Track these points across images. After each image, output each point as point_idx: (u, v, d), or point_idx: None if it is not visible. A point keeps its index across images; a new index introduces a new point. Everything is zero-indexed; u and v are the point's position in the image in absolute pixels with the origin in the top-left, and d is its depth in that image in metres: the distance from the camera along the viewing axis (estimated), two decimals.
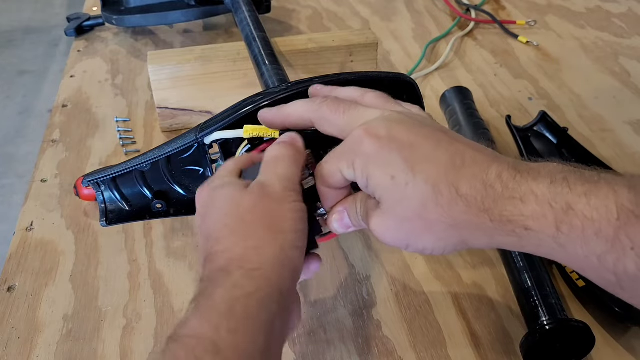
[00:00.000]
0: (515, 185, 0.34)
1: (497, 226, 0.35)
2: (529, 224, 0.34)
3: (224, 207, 0.40)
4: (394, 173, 0.37)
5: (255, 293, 0.35)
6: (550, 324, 0.49)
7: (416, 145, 0.37)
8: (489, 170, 0.35)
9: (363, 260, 0.60)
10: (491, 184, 0.35)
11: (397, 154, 0.37)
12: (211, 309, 0.34)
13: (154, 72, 0.75)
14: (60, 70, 2.45)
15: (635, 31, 1.00)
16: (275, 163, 0.42)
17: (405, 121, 0.39)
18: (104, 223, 0.54)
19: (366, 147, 0.38)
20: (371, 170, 0.38)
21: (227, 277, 0.35)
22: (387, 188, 0.37)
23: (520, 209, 0.34)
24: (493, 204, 0.34)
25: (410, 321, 0.54)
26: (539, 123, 0.73)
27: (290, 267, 0.38)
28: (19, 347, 0.53)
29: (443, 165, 0.36)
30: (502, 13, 1.08)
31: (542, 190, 0.33)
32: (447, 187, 0.35)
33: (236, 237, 0.38)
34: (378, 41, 0.82)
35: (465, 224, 0.36)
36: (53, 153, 0.76)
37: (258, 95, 0.50)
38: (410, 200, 0.36)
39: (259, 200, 0.39)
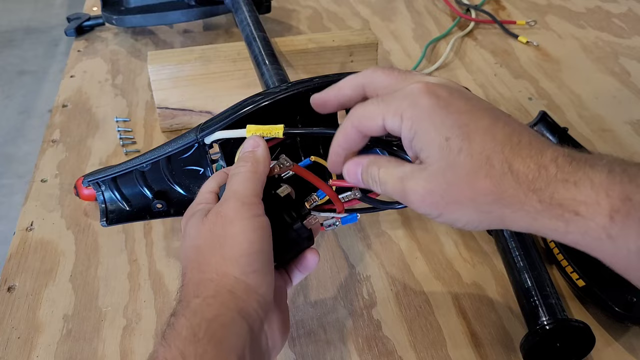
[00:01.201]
0: (571, 169, 0.33)
1: (545, 208, 0.33)
2: (581, 209, 0.32)
3: (189, 240, 0.41)
4: (449, 135, 0.35)
5: (215, 319, 0.35)
6: (550, 324, 0.49)
7: (475, 115, 0.36)
8: (544, 153, 0.34)
9: (363, 260, 0.60)
10: (545, 166, 0.33)
11: (456, 117, 0.35)
12: (176, 337, 0.35)
13: (154, 72, 0.75)
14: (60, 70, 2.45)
15: (635, 31, 1.00)
16: (230, 180, 0.42)
17: (464, 92, 0.38)
18: (104, 223, 0.54)
19: (424, 101, 0.36)
20: (425, 126, 0.36)
21: (187, 307, 0.36)
22: (439, 149, 0.35)
23: (573, 192, 0.32)
24: (544, 185, 0.33)
25: (410, 321, 0.54)
26: (539, 123, 0.73)
27: (249, 292, 0.37)
28: (19, 347, 0.53)
29: (500, 140, 0.35)
30: (502, 13, 1.08)
31: (600, 178, 0.32)
32: (500, 161, 0.34)
33: (194, 270, 0.39)
34: (378, 41, 0.82)
35: (510, 201, 0.34)
36: (53, 153, 0.76)
37: (258, 95, 0.50)
38: (461, 167, 0.35)
39: (213, 226, 0.39)
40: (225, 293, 0.37)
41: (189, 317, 0.35)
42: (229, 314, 0.36)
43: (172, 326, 0.36)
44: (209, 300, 0.36)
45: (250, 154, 0.43)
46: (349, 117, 0.40)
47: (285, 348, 0.52)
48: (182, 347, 0.34)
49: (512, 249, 0.56)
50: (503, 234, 0.58)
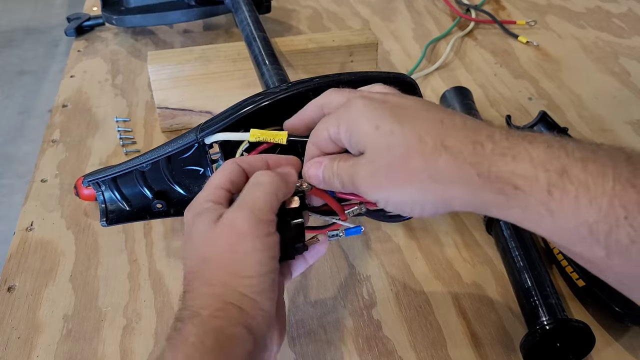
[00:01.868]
0: (509, 144, 0.33)
1: (484, 182, 0.34)
2: (519, 182, 0.33)
3: (196, 243, 0.40)
4: (379, 123, 0.37)
5: (222, 329, 0.36)
6: (550, 324, 0.49)
7: (407, 107, 0.37)
8: (479, 131, 0.35)
9: (363, 260, 0.60)
10: (481, 142, 0.34)
11: (386, 109, 0.37)
12: (183, 343, 0.35)
13: (154, 72, 0.75)
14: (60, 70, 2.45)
15: (635, 31, 1.00)
16: (251, 190, 0.40)
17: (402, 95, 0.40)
18: (104, 223, 0.54)
19: (357, 103, 0.38)
20: (357, 122, 0.38)
21: (195, 316, 0.36)
22: (371, 136, 0.37)
23: (511, 166, 0.33)
24: (481, 159, 0.33)
25: (410, 321, 0.54)
26: (539, 123, 0.73)
27: (255, 309, 0.38)
28: (19, 347, 0.53)
29: (432, 121, 0.36)
30: (502, 13, 1.08)
31: (538, 153, 0.32)
32: (432, 138, 0.35)
33: (201, 281, 0.38)
34: (378, 41, 0.82)
35: (448, 177, 0.35)
36: (53, 153, 0.76)
37: (258, 95, 0.50)
38: (394, 147, 0.36)
39: (223, 237, 0.38)
40: (232, 308, 0.37)
41: (197, 325, 0.36)
42: (236, 327, 0.36)
43: (179, 331, 0.36)
44: (216, 313, 0.36)
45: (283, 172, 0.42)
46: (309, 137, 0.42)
47: (285, 347, 0.52)
48: (190, 352, 0.34)
49: (512, 249, 0.56)
50: (503, 234, 0.58)
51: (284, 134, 0.46)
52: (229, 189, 0.42)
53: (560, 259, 0.56)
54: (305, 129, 0.45)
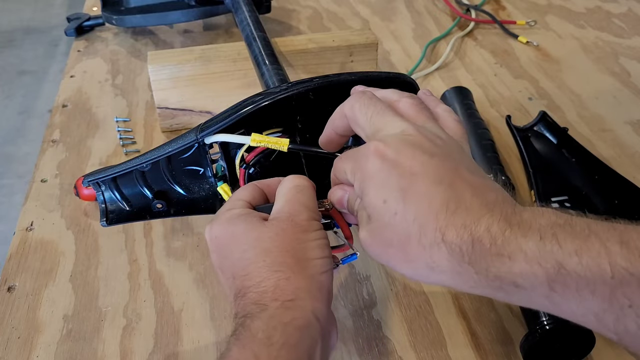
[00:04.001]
0: (504, 242, 0.33)
1: (482, 279, 0.34)
2: (519, 281, 0.33)
3: (246, 242, 0.40)
4: (387, 197, 0.36)
5: (292, 322, 0.36)
6: (550, 324, 0.49)
7: (416, 177, 0.36)
8: (479, 221, 0.34)
9: (363, 260, 0.60)
10: (479, 238, 0.33)
11: (395, 180, 0.36)
12: (250, 339, 0.35)
13: (154, 72, 0.75)
14: (60, 70, 2.45)
15: (635, 31, 1.00)
16: (297, 192, 0.42)
17: (418, 145, 0.38)
18: (104, 223, 0.54)
19: (370, 164, 0.38)
20: (367, 188, 0.38)
21: (263, 310, 0.36)
22: (377, 209, 0.37)
23: (508, 266, 0.33)
24: (480, 258, 0.33)
25: (410, 321, 0.54)
26: (539, 123, 0.73)
27: (322, 291, 0.39)
28: (19, 347, 0.53)
29: (435, 207, 0.35)
30: (502, 13, 1.08)
31: (531, 248, 0.32)
32: (433, 231, 0.34)
33: (265, 270, 0.38)
34: (378, 41, 0.82)
35: (445, 270, 0.35)
36: (53, 153, 0.76)
37: (258, 95, 0.50)
38: (394, 229, 0.36)
39: (284, 230, 0.40)
40: (302, 294, 0.37)
41: (266, 320, 0.36)
42: (305, 317, 0.37)
43: (247, 328, 0.36)
44: (287, 303, 0.37)
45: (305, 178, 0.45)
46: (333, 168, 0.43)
47: None
48: (256, 349, 0.34)
49: None
50: None
51: (285, 141, 0.46)
52: (250, 202, 0.44)
53: None
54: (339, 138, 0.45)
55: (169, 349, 0.53)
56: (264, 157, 0.50)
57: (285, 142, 0.46)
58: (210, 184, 0.54)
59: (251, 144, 0.47)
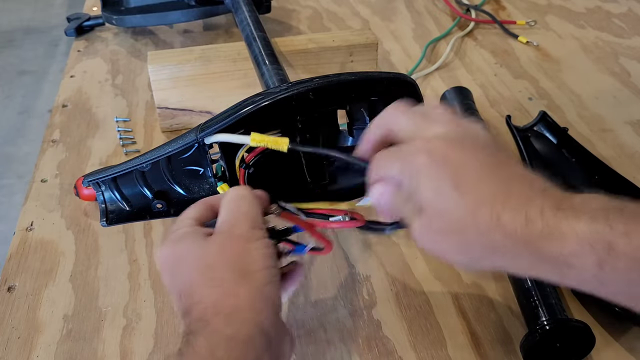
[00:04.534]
0: (556, 222, 0.34)
1: (537, 260, 0.35)
2: (571, 261, 0.34)
3: (191, 261, 0.40)
4: (440, 188, 0.37)
5: (234, 336, 0.36)
6: (550, 324, 0.49)
7: (467, 167, 0.37)
8: (532, 204, 0.35)
9: (363, 260, 0.60)
10: (532, 219, 0.34)
11: (447, 171, 0.37)
12: (193, 356, 0.35)
13: (154, 72, 0.75)
14: (60, 70, 2.45)
15: (635, 31, 1.00)
16: (238, 202, 0.43)
17: (462, 142, 0.39)
18: (104, 223, 0.54)
19: (418, 160, 0.38)
20: (420, 181, 0.38)
21: (206, 325, 0.36)
22: (431, 200, 0.37)
23: (560, 246, 0.34)
24: (533, 239, 0.34)
25: (410, 321, 0.54)
26: (539, 123, 0.73)
27: (267, 303, 0.38)
28: (19, 347, 0.53)
29: (488, 192, 0.36)
30: (502, 13, 1.08)
31: (583, 229, 0.33)
32: (489, 213, 0.35)
33: (208, 287, 0.38)
34: (378, 41, 0.82)
35: (503, 251, 0.36)
36: (53, 153, 0.76)
37: (258, 95, 0.50)
38: (451, 217, 0.36)
39: (225, 244, 0.40)
40: (244, 307, 0.37)
41: (208, 336, 0.36)
42: (248, 330, 0.36)
43: (190, 345, 0.36)
44: (228, 317, 0.36)
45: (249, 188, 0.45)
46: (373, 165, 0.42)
47: None
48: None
49: None
50: None
51: (284, 140, 0.46)
52: (198, 218, 0.43)
53: None
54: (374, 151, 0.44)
55: (169, 349, 0.53)
56: (264, 157, 0.50)
57: (285, 142, 0.45)
58: (210, 184, 0.54)
59: (251, 144, 0.47)
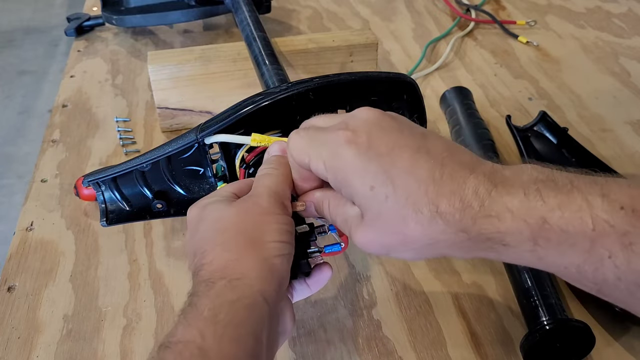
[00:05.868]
0: (491, 202, 0.34)
1: (476, 243, 0.35)
2: (507, 239, 0.34)
3: (210, 222, 0.40)
4: (374, 183, 0.36)
5: (238, 301, 0.36)
6: (550, 324, 0.49)
7: (395, 154, 0.36)
8: (465, 185, 0.35)
9: (363, 260, 0.60)
10: (469, 202, 0.34)
11: (376, 162, 0.36)
12: (196, 317, 0.35)
13: (154, 72, 0.75)
14: (60, 70, 2.45)
15: (635, 31, 1.00)
16: (264, 177, 0.42)
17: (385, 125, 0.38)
18: (104, 223, 0.54)
19: (344, 152, 0.37)
20: (349, 178, 0.37)
21: (211, 288, 0.36)
22: (367, 198, 0.37)
23: (497, 226, 0.34)
24: (471, 222, 0.34)
25: (410, 321, 0.54)
26: (539, 123, 0.73)
27: (273, 274, 0.38)
28: (19, 347, 0.53)
29: (422, 180, 0.35)
30: (502, 13, 1.08)
31: (516, 205, 0.33)
32: (427, 205, 0.35)
33: (219, 250, 0.38)
34: (378, 41, 0.82)
35: (443, 243, 0.36)
36: (53, 153, 0.76)
37: (258, 95, 0.50)
38: (390, 214, 0.36)
39: (243, 212, 0.40)
40: (250, 274, 0.37)
41: (212, 298, 0.36)
42: (252, 296, 0.36)
43: (194, 305, 0.36)
44: (234, 282, 0.36)
45: (282, 158, 0.44)
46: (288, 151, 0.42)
47: (285, 347, 0.52)
48: (202, 327, 0.34)
49: None
50: None
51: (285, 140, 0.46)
52: (236, 193, 0.43)
53: None
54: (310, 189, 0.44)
55: None
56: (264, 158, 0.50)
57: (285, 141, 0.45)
58: (210, 184, 0.54)
59: (251, 144, 0.47)
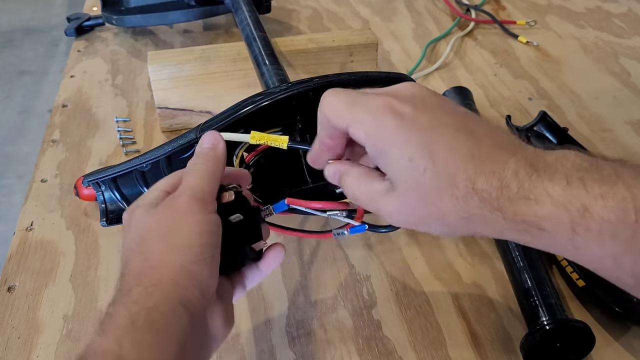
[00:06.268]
0: (531, 185, 0.34)
1: (510, 224, 0.34)
2: (544, 224, 0.33)
3: (133, 231, 0.40)
4: (414, 155, 0.36)
5: (155, 308, 0.35)
6: (550, 324, 0.49)
7: (438, 130, 0.36)
8: (506, 166, 0.35)
9: (363, 260, 0.60)
10: (507, 183, 0.34)
11: (419, 136, 0.36)
12: (113, 325, 0.34)
13: (154, 72, 0.75)
14: (60, 70, 2.45)
15: (635, 31, 1.00)
16: (188, 175, 0.41)
17: (430, 102, 0.38)
18: (104, 223, 0.54)
19: (387, 121, 0.36)
20: (389, 147, 0.36)
21: (127, 296, 0.35)
22: (404, 169, 0.36)
23: (534, 209, 0.33)
24: (507, 203, 0.34)
25: (410, 321, 0.54)
26: (539, 123, 0.73)
27: (192, 281, 0.37)
28: (19, 347, 0.53)
29: (462, 157, 0.35)
30: (502, 13, 1.08)
31: (558, 192, 0.33)
32: (464, 181, 0.35)
33: (137, 259, 0.38)
34: (378, 41, 0.82)
35: (477, 218, 0.35)
36: (53, 153, 0.76)
37: (258, 95, 0.50)
38: (426, 187, 0.36)
39: (162, 217, 0.39)
40: (167, 281, 0.36)
41: (129, 305, 0.35)
42: (169, 303, 0.35)
43: (110, 315, 0.35)
44: (150, 289, 0.36)
45: (210, 151, 0.43)
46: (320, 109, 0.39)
47: (285, 347, 0.52)
48: (119, 335, 0.33)
49: (512, 249, 0.56)
50: None
51: (284, 138, 0.46)
52: (167, 191, 0.42)
53: (560, 259, 0.56)
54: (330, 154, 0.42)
55: None
56: (263, 157, 0.50)
57: (285, 140, 0.46)
58: None
59: (251, 142, 0.47)
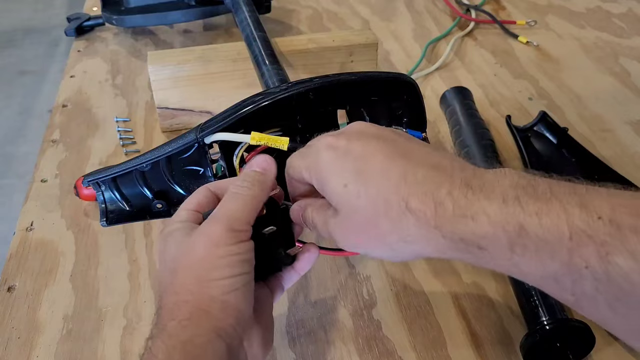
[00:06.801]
0: (467, 203, 0.34)
1: (450, 243, 0.35)
2: (482, 243, 0.33)
3: (167, 262, 0.40)
4: (347, 181, 0.37)
5: (190, 340, 0.35)
6: (550, 324, 0.49)
7: (370, 158, 0.37)
8: (440, 187, 0.35)
9: (363, 260, 0.60)
10: (441, 202, 0.34)
11: (351, 164, 0.38)
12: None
13: (154, 72, 0.75)
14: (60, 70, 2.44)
15: (635, 31, 1.00)
16: (230, 199, 0.41)
17: (364, 133, 0.40)
18: (104, 223, 0.54)
19: (323, 155, 0.39)
20: (326, 177, 0.38)
21: (163, 330, 0.36)
22: (341, 196, 0.38)
23: (472, 228, 0.33)
24: (445, 221, 0.34)
25: (410, 321, 0.54)
26: (539, 123, 0.73)
27: (226, 311, 0.37)
28: (19, 347, 0.53)
29: (394, 180, 0.36)
30: (502, 13, 1.08)
31: (495, 210, 0.33)
32: (397, 202, 0.35)
33: (170, 292, 0.38)
34: (378, 41, 0.82)
35: (417, 238, 0.36)
36: (53, 153, 0.76)
37: (258, 95, 0.50)
38: (362, 210, 0.37)
39: (194, 246, 0.38)
40: (200, 314, 0.36)
41: (165, 339, 0.36)
42: (205, 335, 0.36)
43: (149, 350, 0.36)
44: (184, 322, 0.36)
45: (259, 176, 0.42)
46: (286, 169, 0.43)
47: (286, 348, 0.52)
48: None
49: None
50: None
51: (285, 139, 0.46)
52: (197, 210, 0.42)
53: None
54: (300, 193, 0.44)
55: None
56: None
57: (286, 141, 0.46)
58: None
59: (251, 142, 0.47)
